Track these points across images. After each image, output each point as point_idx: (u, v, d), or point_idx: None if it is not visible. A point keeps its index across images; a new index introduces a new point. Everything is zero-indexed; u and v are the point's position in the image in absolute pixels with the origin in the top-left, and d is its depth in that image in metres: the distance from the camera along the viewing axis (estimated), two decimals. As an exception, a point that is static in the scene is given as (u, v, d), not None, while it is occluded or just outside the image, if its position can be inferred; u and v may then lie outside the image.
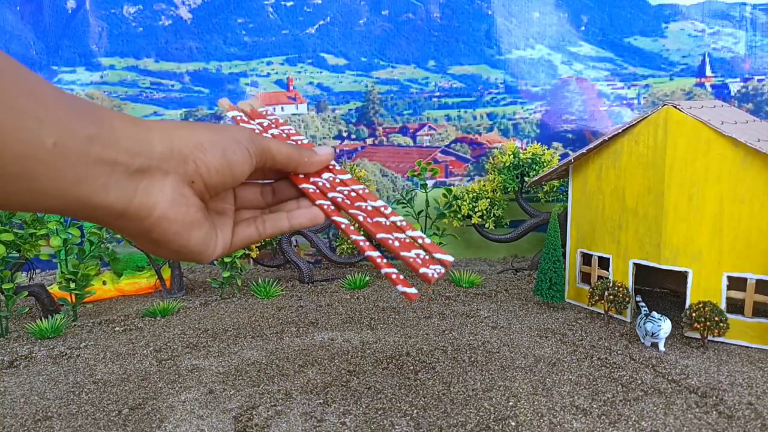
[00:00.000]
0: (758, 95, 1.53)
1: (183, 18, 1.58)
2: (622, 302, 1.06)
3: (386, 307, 1.24)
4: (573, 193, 1.19)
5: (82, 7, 1.56)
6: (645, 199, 1.04)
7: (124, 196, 0.37)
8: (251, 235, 0.50)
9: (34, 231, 1.13)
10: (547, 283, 1.16)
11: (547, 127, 1.61)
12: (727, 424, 0.74)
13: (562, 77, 1.59)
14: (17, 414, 0.81)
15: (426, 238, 0.65)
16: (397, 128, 1.64)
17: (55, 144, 0.32)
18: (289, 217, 0.52)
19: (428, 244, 0.65)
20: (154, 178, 0.39)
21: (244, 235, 0.50)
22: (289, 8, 1.58)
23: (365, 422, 0.75)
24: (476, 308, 1.22)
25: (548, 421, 0.75)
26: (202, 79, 1.60)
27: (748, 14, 1.52)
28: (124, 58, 1.58)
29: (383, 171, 1.66)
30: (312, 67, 1.61)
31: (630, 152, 1.06)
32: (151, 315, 1.22)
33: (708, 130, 0.95)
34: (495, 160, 1.55)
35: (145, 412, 0.81)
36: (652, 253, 1.04)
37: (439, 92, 1.61)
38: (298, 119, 1.63)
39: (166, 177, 0.40)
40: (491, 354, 0.97)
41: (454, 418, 0.76)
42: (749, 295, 0.96)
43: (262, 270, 1.60)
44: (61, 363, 0.99)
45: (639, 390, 0.83)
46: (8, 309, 1.13)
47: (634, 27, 1.56)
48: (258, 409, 0.80)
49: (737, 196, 0.95)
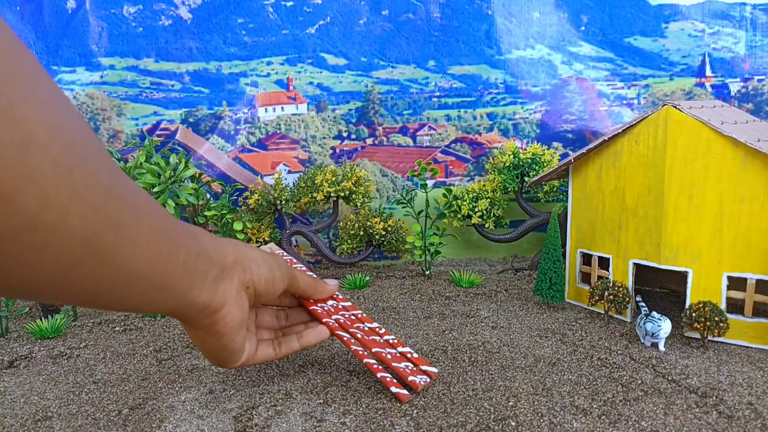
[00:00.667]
0: (758, 95, 1.53)
1: (183, 18, 1.58)
2: (622, 302, 1.06)
3: (386, 307, 1.24)
4: (573, 193, 1.19)
5: (82, 7, 1.56)
6: (645, 199, 1.04)
7: (210, 295, 0.47)
8: (269, 354, 0.65)
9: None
10: (547, 283, 1.17)
11: (547, 127, 1.61)
12: (727, 424, 0.74)
13: (562, 77, 1.59)
14: (17, 414, 0.81)
15: (414, 353, 0.82)
16: (397, 128, 1.64)
17: (184, 262, 0.42)
18: (298, 338, 0.71)
19: (416, 358, 0.82)
20: (226, 281, 0.49)
21: (263, 353, 0.64)
22: (289, 8, 1.58)
23: (365, 422, 0.75)
24: (476, 308, 1.22)
25: (548, 421, 0.75)
26: (202, 79, 1.60)
27: (748, 14, 1.52)
28: (124, 58, 1.58)
29: (383, 171, 1.66)
30: (312, 67, 1.61)
31: (630, 152, 1.06)
32: (151, 315, 1.22)
33: (708, 130, 0.95)
34: (495, 160, 1.55)
35: (145, 412, 0.81)
36: (652, 253, 1.04)
37: (439, 92, 1.61)
38: (298, 119, 1.63)
39: (232, 281, 0.50)
40: (491, 354, 0.97)
41: (454, 418, 0.76)
42: (749, 295, 0.96)
43: (262, 270, 1.60)
44: (61, 363, 0.99)
45: (639, 390, 0.83)
46: (8, 309, 1.13)
47: (634, 27, 1.56)
48: (258, 409, 0.80)
49: (737, 196, 0.95)
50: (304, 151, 1.65)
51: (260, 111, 1.63)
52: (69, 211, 0.27)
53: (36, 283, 0.29)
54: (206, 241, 0.47)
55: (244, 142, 1.63)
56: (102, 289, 0.34)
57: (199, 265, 0.45)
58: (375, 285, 1.42)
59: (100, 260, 0.32)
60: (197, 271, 0.45)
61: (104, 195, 0.30)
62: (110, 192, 0.31)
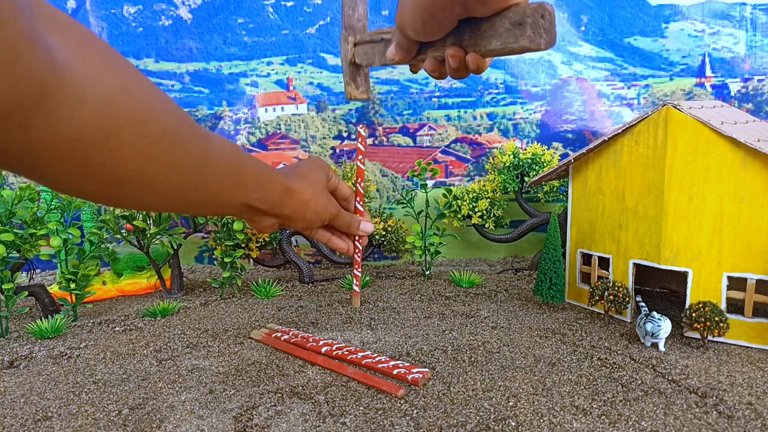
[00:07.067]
0: (758, 95, 1.53)
1: (183, 18, 1.58)
2: (622, 302, 1.06)
3: (386, 307, 1.24)
4: (573, 193, 1.19)
5: (82, 7, 1.56)
6: (645, 199, 1.04)
7: None
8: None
9: (34, 231, 1.13)
10: (547, 283, 1.16)
11: (547, 127, 1.61)
12: (727, 424, 0.74)
13: (562, 77, 1.59)
14: (17, 414, 0.81)
15: (405, 363, 0.89)
16: (397, 128, 1.64)
17: None
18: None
19: (407, 365, 0.87)
20: None
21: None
22: (289, 8, 1.58)
23: (365, 422, 0.75)
24: (476, 308, 1.22)
25: (548, 421, 0.75)
26: (202, 79, 1.60)
27: (748, 14, 1.52)
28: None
29: (383, 171, 1.66)
30: (312, 67, 1.61)
31: (630, 152, 1.06)
32: (151, 315, 1.22)
33: (708, 130, 0.95)
34: (495, 160, 1.55)
35: (145, 412, 0.81)
36: (652, 253, 1.04)
37: (439, 92, 1.61)
38: (298, 119, 1.63)
39: None
40: (491, 354, 0.97)
41: (454, 418, 0.76)
42: (749, 295, 0.96)
43: (262, 270, 1.60)
44: (61, 363, 0.99)
45: (639, 390, 0.83)
46: (8, 309, 1.13)
47: (634, 27, 1.56)
48: (258, 409, 0.80)
49: (737, 196, 0.95)
50: (304, 151, 1.65)
51: (260, 111, 1.63)
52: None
53: (138, 171, 0.35)
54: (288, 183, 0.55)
55: (244, 142, 1.63)
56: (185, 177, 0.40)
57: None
58: (375, 285, 1.42)
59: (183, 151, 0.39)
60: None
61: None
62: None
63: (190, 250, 1.67)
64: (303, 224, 0.59)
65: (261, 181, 0.50)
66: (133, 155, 0.34)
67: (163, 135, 0.36)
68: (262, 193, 0.51)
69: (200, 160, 0.41)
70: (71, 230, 1.20)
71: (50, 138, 0.29)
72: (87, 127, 0.31)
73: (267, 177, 0.52)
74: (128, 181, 0.36)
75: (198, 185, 0.42)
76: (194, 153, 0.40)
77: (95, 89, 0.31)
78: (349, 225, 0.65)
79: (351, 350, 0.97)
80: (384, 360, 0.93)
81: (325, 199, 0.60)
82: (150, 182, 0.37)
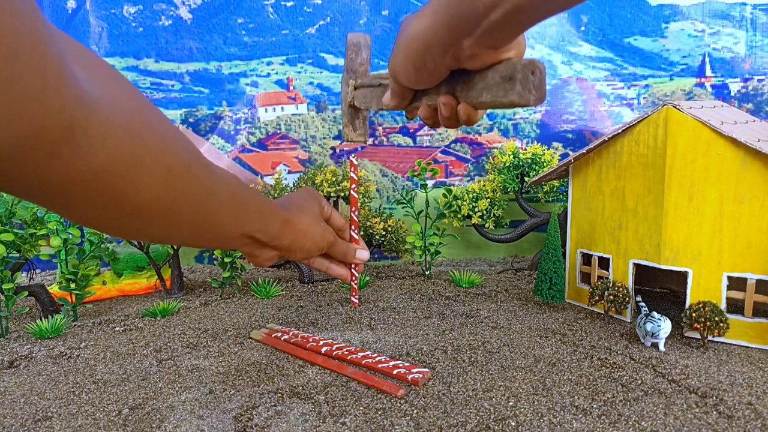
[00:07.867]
0: (758, 95, 1.53)
1: (183, 18, 1.58)
2: (622, 302, 1.06)
3: (386, 307, 1.24)
4: (573, 193, 1.19)
5: (82, 7, 1.56)
6: (645, 199, 1.04)
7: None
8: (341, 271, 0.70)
9: (34, 231, 1.13)
10: (547, 283, 1.16)
11: (547, 127, 1.61)
12: (727, 424, 0.74)
13: (562, 77, 1.59)
14: (17, 414, 0.81)
15: (405, 363, 0.90)
16: (397, 128, 1.64)
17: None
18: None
19: (407, 365, 0.88)
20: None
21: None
22: (289, 8, 1.58)
23: (365, 422, 0.75)
24: (476, 308, 1.22)
25: (548, 421, 0.75)
26: (202, 79, 1.60)
27: (748, 14, 1.52)
28: (124, 58, 1.58)
29: (383, 171, 1.66)
30: (312, 67, 1.61)
31: (630, 152, 1.06)
32: (151, 315, 1.22)
33: (708, 130, 0.95)
34: (495, 160, 1.55)
35: (145, 412, 0.81)
36: (652, 253, 1.04)
37: (439, 92, 1.61)
38: (298, 119, 1.63)
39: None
40: (491, 354, 0.97)
41: (454, 418, 0.76)
42: (749, 295, 0.96)
43: (262, 270, 1.60)
44: (61, 363, 0.99)
45: (639, 390, 0.83)
46: (8, 309, 1.13)
47: (634, 27, 1.56)
48: (258, 409, 0.80)
49: (737, 196, 0.95)
50: (304, 151, 1.65)
51: (260, 111, 1.63)
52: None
53: (154, 201, 0.37)
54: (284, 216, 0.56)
55: (244, 142, 1.63)
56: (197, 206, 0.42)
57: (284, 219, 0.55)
58: (375, 285, 1.42)
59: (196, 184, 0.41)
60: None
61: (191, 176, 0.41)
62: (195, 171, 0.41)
63: (190, 250, 1.67)
64: (302, 254, 0.60)
65: (262, 213, 0.52)
66: (152, 185, 0.35)
67: (179, 164, 0.38)
68: (264, 225, 0.52)
69: (210, 190, 0.42)
70: (71, 230, 1.20)
71: (77, 170, 0.30)
72: (112, 158, 0.31)
73: (267, 209, 0.53)
74: (145, 209, 0.36)
75: (206, 216, 0.44)
76: (204, 183, 0.42)
77: (119, 121, 0.31)
78: (345, 254, 0.67)
79: (351, 350, 0.97)
80: (384, 360, 0.92)
81: (321, 228, 0.61)
82: (165, 211, 0.38)
